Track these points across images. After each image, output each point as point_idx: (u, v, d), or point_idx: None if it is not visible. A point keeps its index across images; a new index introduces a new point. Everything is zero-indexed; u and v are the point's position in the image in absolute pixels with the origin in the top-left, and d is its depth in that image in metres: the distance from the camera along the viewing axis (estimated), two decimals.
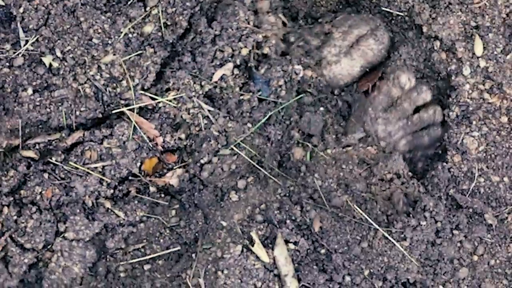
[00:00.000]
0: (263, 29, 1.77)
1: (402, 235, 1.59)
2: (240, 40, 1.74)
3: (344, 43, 1.79)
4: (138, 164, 1.71)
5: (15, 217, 1.62)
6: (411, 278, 1.57)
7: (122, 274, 1.62)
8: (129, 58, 1.70)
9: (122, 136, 1.69)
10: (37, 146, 1.68)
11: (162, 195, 1.72)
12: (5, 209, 1.61)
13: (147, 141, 1.71)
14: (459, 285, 1.58)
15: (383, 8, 1.80)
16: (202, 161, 1.71)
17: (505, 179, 1.65)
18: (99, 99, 1.70)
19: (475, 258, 1.60)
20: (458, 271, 1.58)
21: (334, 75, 1.79)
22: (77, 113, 1.69)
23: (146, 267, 1.62)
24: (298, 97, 1.79)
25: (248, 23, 1.75)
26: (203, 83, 1.74)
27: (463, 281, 1.58)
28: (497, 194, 1.64)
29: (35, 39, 1.68)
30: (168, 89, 1.73)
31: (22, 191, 1.64)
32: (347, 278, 1.56)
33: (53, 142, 1.68)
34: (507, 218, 1.63)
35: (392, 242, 1.58)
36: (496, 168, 1.65)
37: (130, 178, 1.71)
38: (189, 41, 1.75)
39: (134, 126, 1.69)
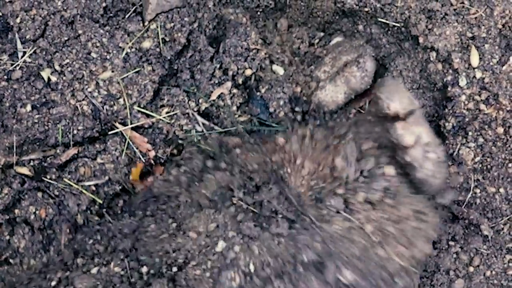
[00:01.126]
0: (269, 49, 1.78)
1: None
2: (246, 60, 1.75)
3: (333, 69, 1.80)
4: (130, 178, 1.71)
5: (8, 237, 1.62)
6: None
7: None
8: (127, 75, 1.70)
9: (115, 151, 1.69)
10: (31, 163, 1.67)
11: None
12: None
13: (140, 156, 1.71)
14: None
15: (379, 19, 1.80)
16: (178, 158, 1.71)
17: (501, 190, 1.65)
18: (96, 117, 1.70)
19: (471, 269, 1.61)
20: (454, 282, 1.59)
21: (319, 101, 1.80)
22: (74, 131, 1.69)
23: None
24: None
25: (257, 45, 1.76)
26: (200, 100, 1.74)
27: None
28: (493, 205, 1.64)
29: (32, 50, 1.69)
30: (162, 106, 1.73)
31: (16, 210, 1.64)
32: None
33: (48, 158, 1.68)
34: (503, 229, 1.64)
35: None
36: (492, 179, 1.66)
37: (120, 192, 1.71)
38: (188, 58, 1.75)
39: (128, 142, 1.69)
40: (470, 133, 1.68)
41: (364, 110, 1.82)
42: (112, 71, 1.69)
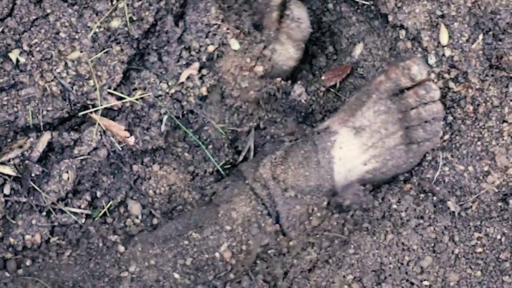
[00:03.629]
0: (226, 23, 1.77)
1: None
2: (207, 37, 1.74)
3: (273, 29, 1.78)
4: None
5: None
6: None
7: None
8: (97, 56, 1.69)
9: (91, 141, 1.68)
10: (12, 161, 1.66)
11: None
12: None
13: (117, 144, 1.69)
14: (422, 274, 1.57)
15: None
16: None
17: (470, 168, 1.64)
18: (65, 98, 1.69)
19: (439, 246, 1.59)
20: (422, 260, 1.57)
21: (278, 63, 1.78)
22: (44, 112, 1.68)
23: None
24: None
25: (218, 20, 1.75)
26: (170, 83, 1.73)
27: (426, 270, 1.57)
28: (462, 183, 1.64)
29: (0, 29, 1.68)
30: (135, 89, 1.72)
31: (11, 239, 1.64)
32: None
33: (25, 152, 1.67)
34: (471, 207, 1.63)
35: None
36: (461, 157, 1.65)
37: None
38: (155, 39, 1.74)
39: (104, 130, 1.68)
40: None
41: (334, 89, 1.81)
42: (81, 51, 1.69)
